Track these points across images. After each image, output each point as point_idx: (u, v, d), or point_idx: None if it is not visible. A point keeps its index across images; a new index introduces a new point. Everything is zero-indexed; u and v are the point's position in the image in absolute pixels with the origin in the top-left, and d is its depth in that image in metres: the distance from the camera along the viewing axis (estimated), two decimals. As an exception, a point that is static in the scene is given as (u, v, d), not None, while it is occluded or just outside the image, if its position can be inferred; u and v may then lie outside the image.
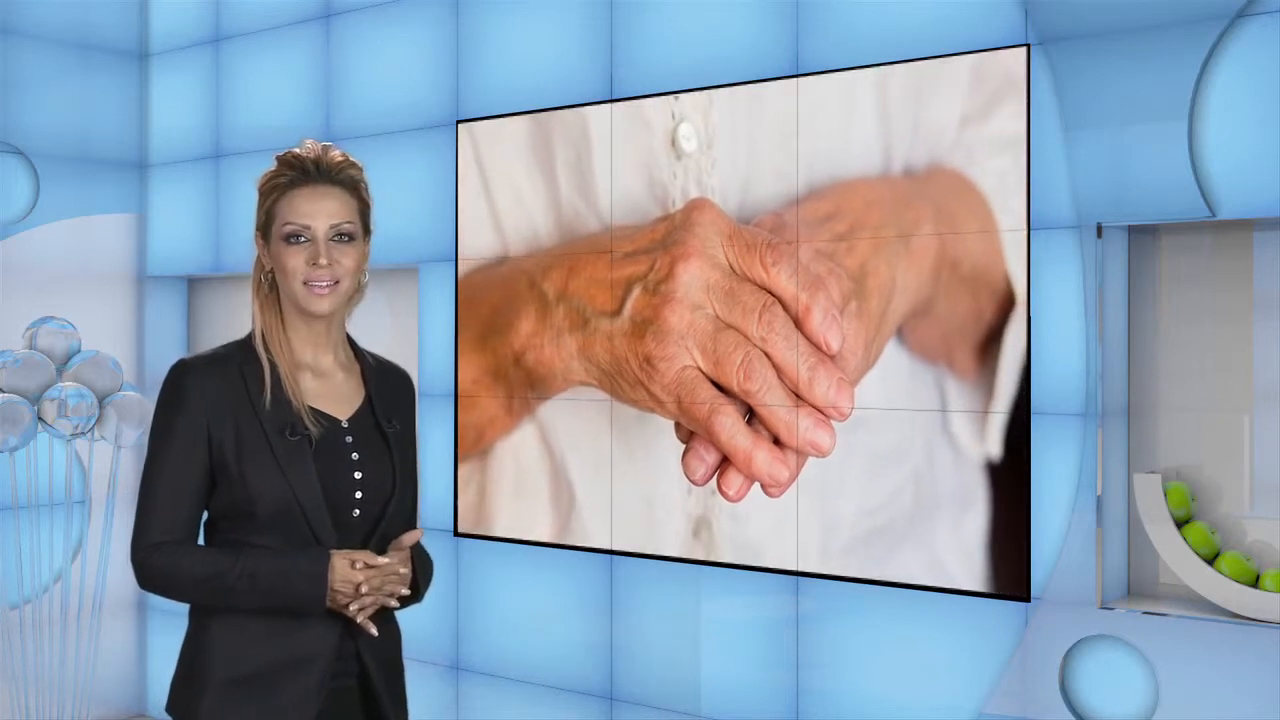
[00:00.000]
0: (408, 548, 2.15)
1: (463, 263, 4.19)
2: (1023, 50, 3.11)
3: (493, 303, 4.05)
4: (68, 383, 4.39)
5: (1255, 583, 2.92)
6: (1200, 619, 2.92)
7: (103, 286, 5.21)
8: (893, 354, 3.30)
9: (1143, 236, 3.15)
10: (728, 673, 3.63)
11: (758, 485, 3.47)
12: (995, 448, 3.13)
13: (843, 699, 3.41)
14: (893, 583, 3.27)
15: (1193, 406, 3.10)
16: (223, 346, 2.20)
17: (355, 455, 2.15)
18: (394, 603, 2.14)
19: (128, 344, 5.25)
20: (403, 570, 2.13)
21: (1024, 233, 3.09)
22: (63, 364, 4.48)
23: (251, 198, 2.21)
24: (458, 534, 4.18)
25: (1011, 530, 3.11)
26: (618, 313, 3.66)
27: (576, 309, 3.78)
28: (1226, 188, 2.88)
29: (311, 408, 2.14)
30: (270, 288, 2.18)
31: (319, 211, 2.13)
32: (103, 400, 4.45)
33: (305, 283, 2.12)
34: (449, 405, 4.23)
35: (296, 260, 2.12)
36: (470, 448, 4.08)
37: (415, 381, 2.44)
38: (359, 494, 2.14)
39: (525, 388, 3.95)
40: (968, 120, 3.18)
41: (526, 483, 3.98)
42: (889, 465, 3.30)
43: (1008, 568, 3.11)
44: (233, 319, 5.20)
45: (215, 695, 2.08)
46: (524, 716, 4.05)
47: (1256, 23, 2.84)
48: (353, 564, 2.07)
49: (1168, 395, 3.13)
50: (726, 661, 3.64)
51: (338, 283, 2.14)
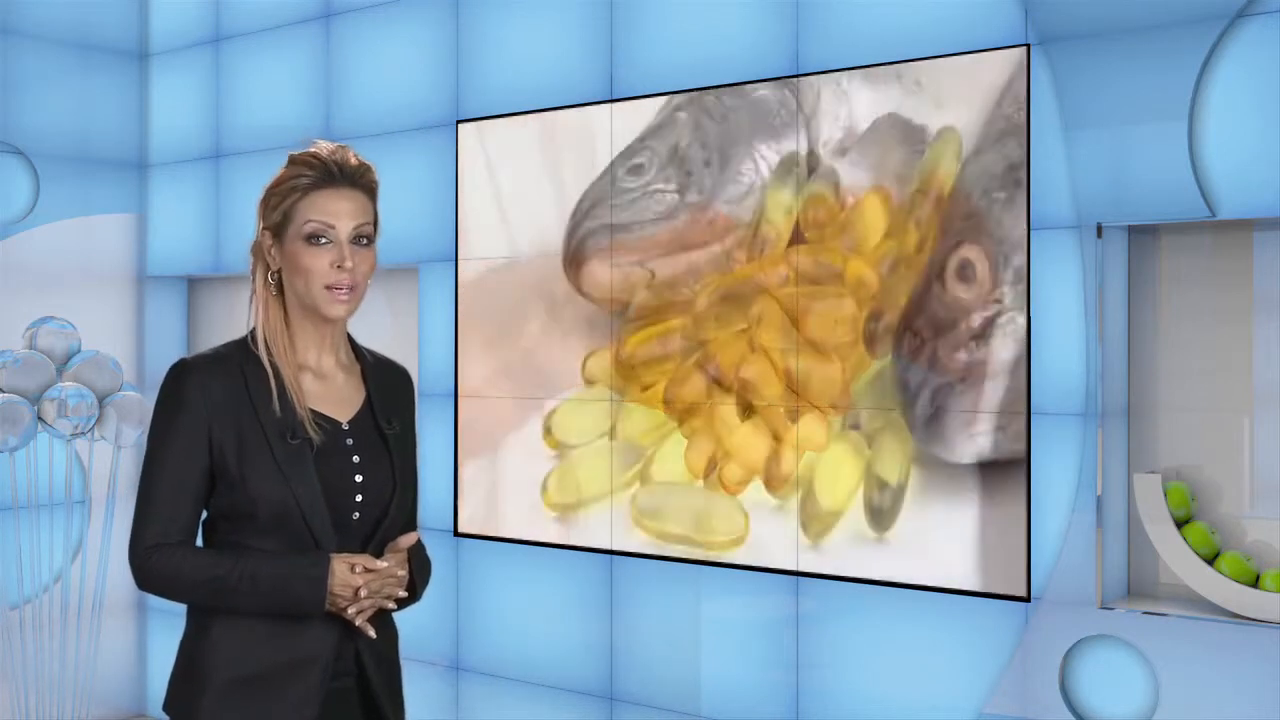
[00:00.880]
0: (405, 550, 2.15)
1: (463, 263, 4.19)
2: (1023, 50, 3.11)
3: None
4: (68, 383, 4.39)
5: (1255, 583, 2.92)
6: (1200, 619, 2.92)
7: (103, 286, 5.21)
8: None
9: (1143, 236, 3.15)
10: (728, 673, 3.63)
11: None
12: (995, 447, 3.13)
13: (843, 699, 3.41)
14: (893, 583, 3.27)
15: (1193, 406, 3.10)
16: (222, 346, 2.19)
17: (355, 458, 2.15)
18: (391, 605, 2.14)
19: (128, 344, 5.25)
20: (400, 573, 2.13)
21: (1024, 233, 3.09)
22: (63, 364, 4.48)
23: (252, 198, 2.20)
24: (458, 534, 4.18)
25: (1011, 530, 3.10)
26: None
27: None
28: (1226, 188, 2.88)
29: (312, 410, 2.14)
30: (277, 288, 2.17)
31: (343, 213, 2.12)
32: (103, 400, 4.45)
33: (327, 286, 2.11)
34: (449, 405, 4.23)
35: (319, 261, 2.11)
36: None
37: (415, 380, 2.43)
38: (359, 497, 2.14)
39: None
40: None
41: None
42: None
43: (1008, 568, 3.11)
44: (233, 319, 5.20)
45: (214, 696, 2.08)
46: (524, 716, 4.05)
47: (1256, 23, 2.84)
48: (352, 568, 2.07)
49: (1168, 395, 3.13)
50: (726, 661, 3.64)
51: (355, 287, 2.13)
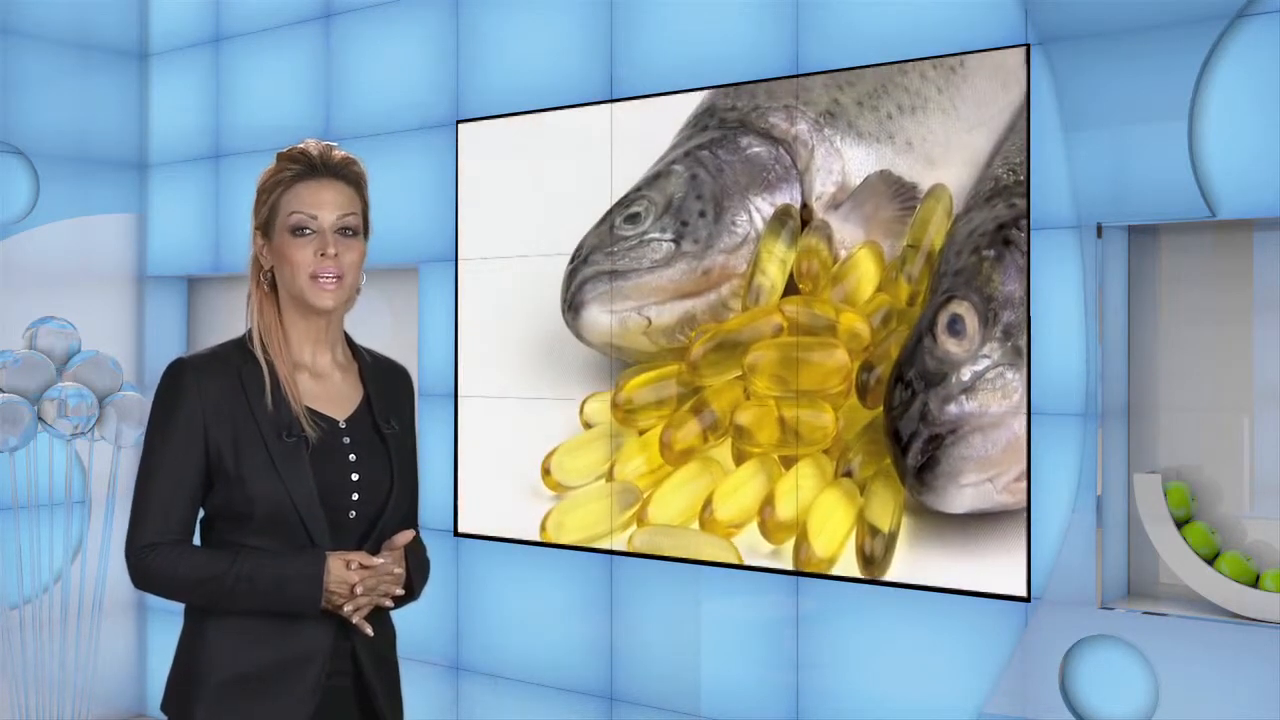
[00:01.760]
0: (401, 547, 2.15)
1: (463, 263, 4.19)
2: (1022, 50, 3.11)
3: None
4: (68, 383, 4.39)
5: (1255, 583, 2.92)
6: (1200, 619, 2.92)
7: (103, 286, 5.21)
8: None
9: (1143, 236, 3.15)
10: (728, 673, 3.63)
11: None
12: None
13: (843, 699, 3.41)
14: (893, 583, 3.27)
15: (1193, 406, 3.10)
16: (219, 345, 2.19)
17: (352, 456, 2.15)
18: (388, 603, 2.14)
19: (128, 344, 5.25)
20: (396, 570, 2.13)
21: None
22: (63, 364, 4.47)
23: (252, 197, 2.20)
24: (458, 534, 4.18)
25: (1011, 530, 3.10)
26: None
27: None
28: (1226, 188, 2.88)
29: (309, 408, 2.14)
30: (270, 287, 2.18)
31: (325, 203, 2.13)
32: (103, 400, 4.45)
33: (313, 276, 2.11)
34: (449, 405, 4.23)
35: (304, 252, 2.11)
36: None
37: (415, 380, 2.43)
38: (355, 495, 2.14)
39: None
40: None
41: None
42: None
43: (1008, 568, 3.11)
44: (233, 319, 5.19)
45: (211, 695, 2.08)
46: (524, 716, 4.05)
47: (1256, 23, 2.84)
48: (347, 565, 2.07)
49: (1168, 395, 3.13)
50: (726, 661, 3.64)
51: (343, 276, 2.13)
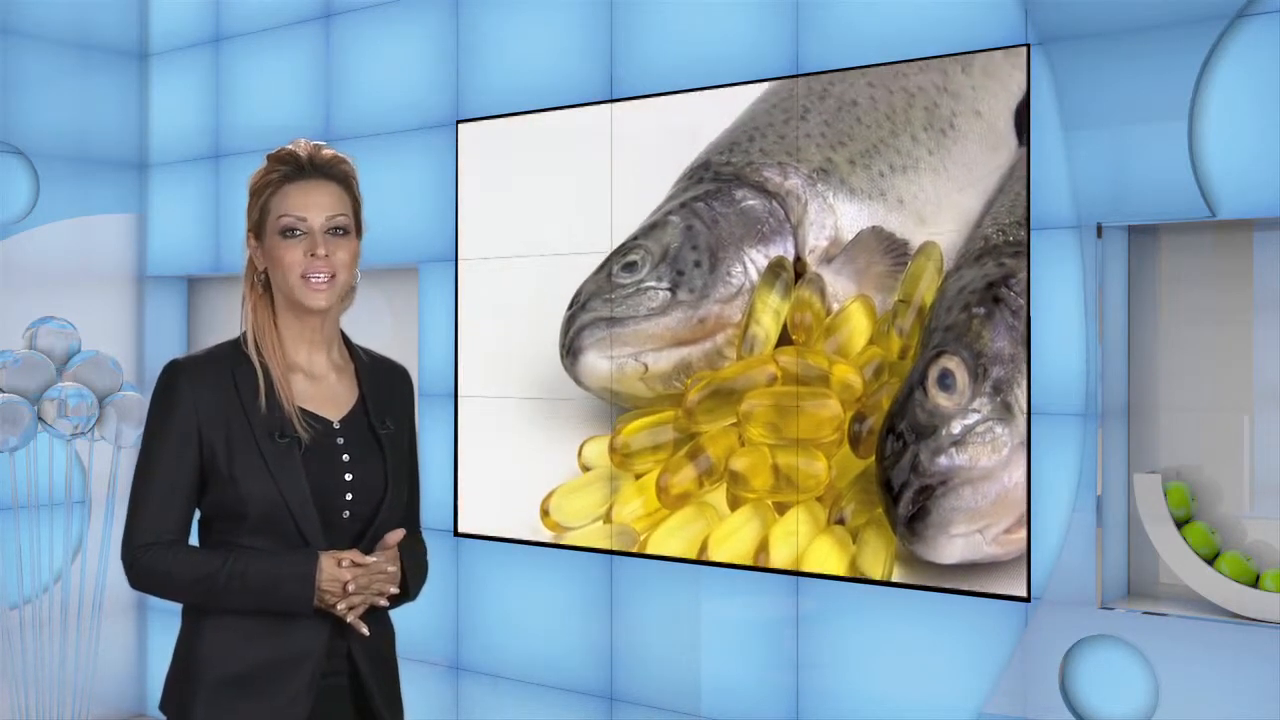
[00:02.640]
0: (394, 546, 2.15)
1: (463, 263, 4.19)
2: (1023, 50, 3.11)
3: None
4: (68, 383, 4.39)
5: (1255, 583, 2.92)
6: (1200, 619, 2.92)
7: (103, 286, 5.21)
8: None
9: (1143, 236, 3.15)
10: (728, 673, 3.63)
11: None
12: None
13: (843, 699, 3.41)
14: (893, 583, 3.27)
15: (1193, 406, 3.10)
16: (214, 347, 2.20)
17: (346, 457, 2.15)
18: (383, 601, 2.14)
19: (128, 344, 5.25)
20: (390, 569, 2.13)
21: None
22: (63, 364, 4.47)
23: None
24: (458, 534, 4.18)
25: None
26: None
27: None
28: (1226, 188, 2.88)
29: (303, 409, 2.13)
30: (264, 288, 2.18)
31: (314, 204, 2.13)
32: (103, 400, 4.45)
33: (303, 276, 2.11)
34: (449, 405, 4.23)
35: (294, 254, 2.12)
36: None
37: (415, 381, 2.43)
38: (349, 495, 2.14)
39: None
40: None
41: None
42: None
43: (1008, 568, 3.11)
44: (233, 319, 5.15)
45: (207, 695, 2.08)
46: (524, 716, 4.05)
47: (1256, 23, 2.84)
48: (339, 563, 2.07)
49: (1168, 395, 3.13)
50: (726, 661, 3.64)
51: (334, 276, 2.13)
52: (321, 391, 2.18)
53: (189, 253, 5.18)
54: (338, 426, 2.17)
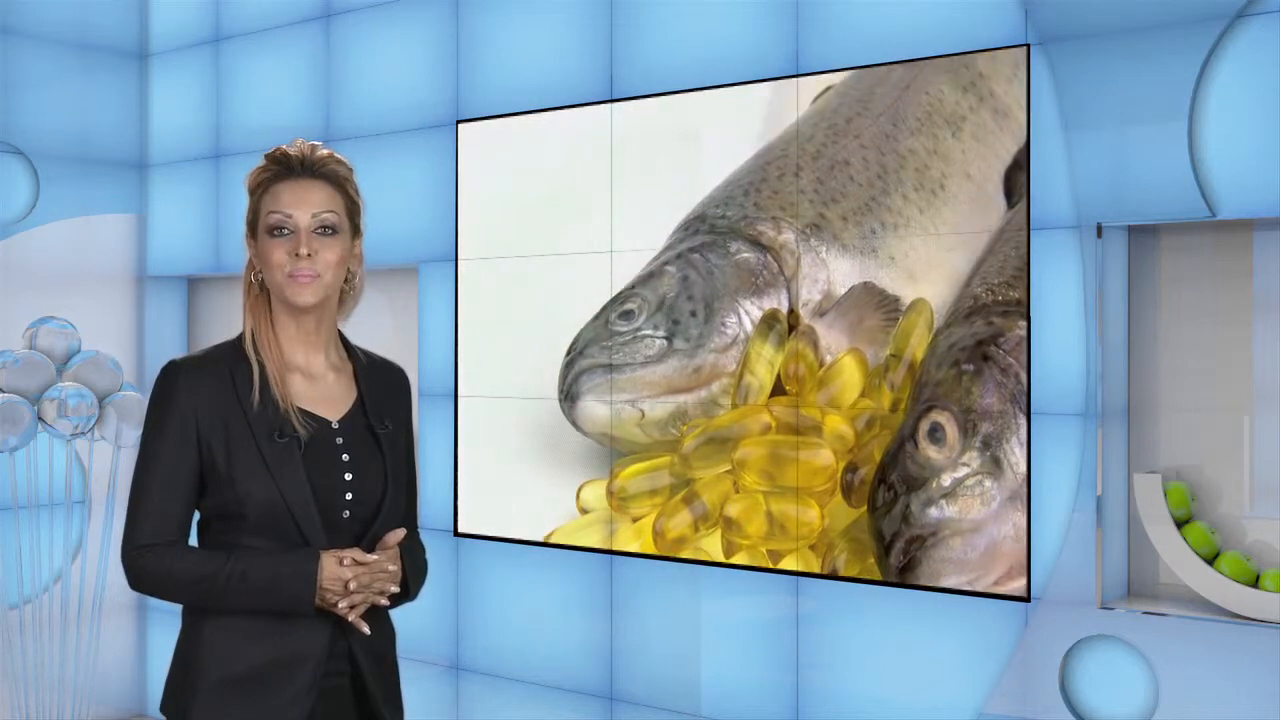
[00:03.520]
0: (394, 546, 2.16)
1: (463, 263, 4.19)
2: (1023, 50, 3.11)
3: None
4: (68, 383, 4.39)
5: (1255, 583, 2.92)
6: (1200, 619, 2.92)
7: (103, 286, 5.21)
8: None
9: (1143, 236, 3.15)
10: (728, 673, 3.63)
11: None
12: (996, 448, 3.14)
13: (843, 699, 3.41)
14: (893, 583, 3.27)
15: (1193, 406, 3.10)
16: (213, 347, 2.20)
17: (345, 456, 2.15)
18: (384, 601, 2.14)
19: (128, 344, 5.25)
20: (391, 568, 2.14)
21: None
22: (63, 364, 4.47)
23: (250, 198, 2.21)
24: (458, 534, 4.18)
25: (1011, 530, 3.11)
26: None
27: None
28: (1226, 188, 2.88)
29: (301, 409, 2.14)
30: (261, 288, 2.18)
31: (300, 202, 2.13)
32: (103, 400, 4.45)
33: (289, 275, 2.12)
34: (449, 405, 4.23)
35: (280, 252, 2.12)
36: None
37: (415, 381, 2.43)
38: (349, 495, 2.14)
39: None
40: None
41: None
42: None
43: (1008, 568, 3.11)
44: (232, 319, 5.19)
45: (208, 695, 2.08)
46: (524, 716, 4.05)
47: (1256, 23, 2.84)
48: (340, 561, 2.08)
49: (1168, 395, 3.13)
50: (726, 661, 3.64)
51: (319, 275, 2.13)
52: (320, 391, 2.18)
53: (189, 253, 5.18)
54: (336, 426, 2.17)
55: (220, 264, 5.07)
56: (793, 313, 3.46)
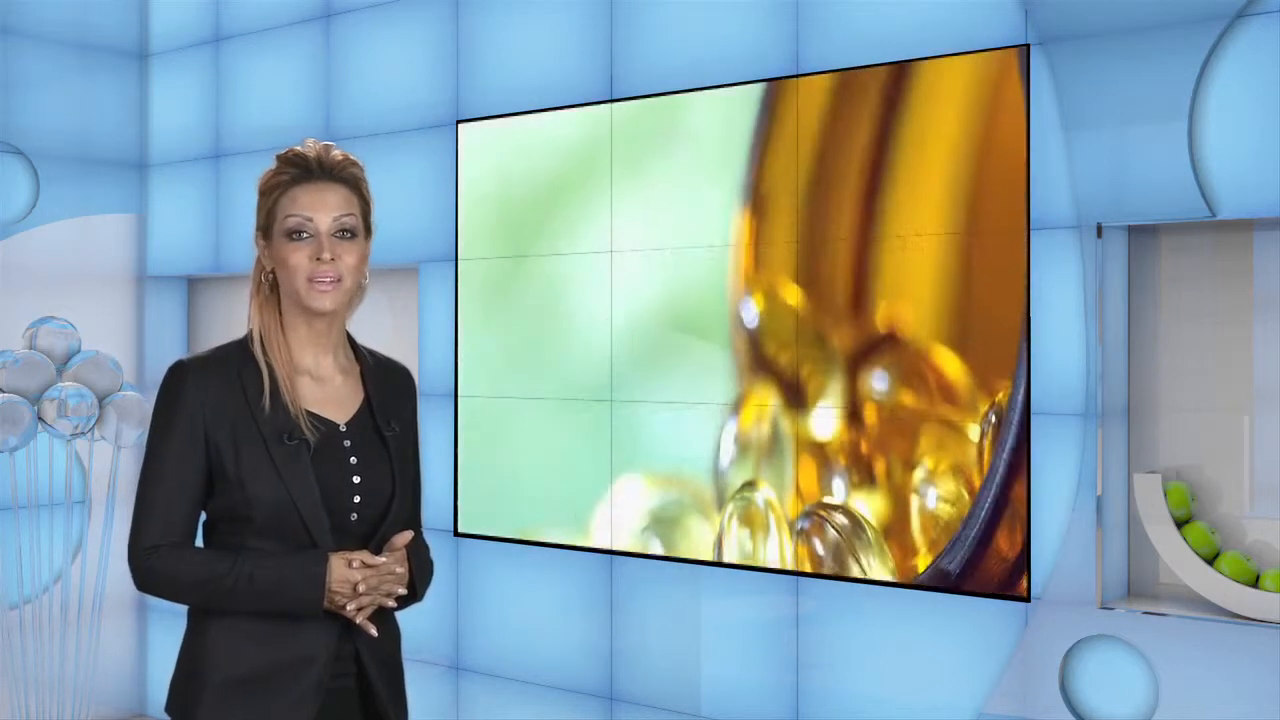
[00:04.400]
0: (402, 548, 2.15)
1: (463, 263, 4.19)
2: (1023, 50, 3.11)
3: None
4: (68, 383, 4.39)
5: (1255, 583, 2.92)
6: (1200, 619, 2.92)
7: (103, 286, 5.21)
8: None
9: (1143, 236, 3.15)
10: (728, 673, 3.63)
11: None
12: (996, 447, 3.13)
13: (843, 699, 3.41)
14: (893, 583, 3.27)
15: (1193, 406, 3.10)
16: (220, 347, 2.19)
17: (353, 459, 2.15)
18: (391, 603, 2.14)
19: (128, 344, 5.25)
20: (399, 570, 2.13)
21: (1024, 233, 3.10)
22: (63, 364, 4.47)
23: (252, 197, 2.20)
24: (458, 534, 4.18)
25: (1011, 530, 3.11)
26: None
27: None
28: (1226, 188, 2.88)
29: (309, 412, 2.13)
30: (271, 289, 2.17)
31: (321, 206, 2.12)
32: (103, 400, 4.45)
33: (309, 279, 2.11)
34: (449, 405, 4.23)
35: (299, 256, 2.11)
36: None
37: (415, 380, 2.43)
38: (357, 498, 2.14)
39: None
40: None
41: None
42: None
43: (1008, 568, 3.11)
44: (232, 319, 5.20)
45: (214, 696, 2.08)
46: (524, 716, 4.05)
47: (1256, 23, 2.84)
48: (349, 564, 2.08)
49: (1168, 395, 3.13)
50: (726, 661, 3.64)
51: (340, 279, 2.13)
52: (327, 394, 2.18)
53: (189, 253, 5.18)
54: (344, 429, 2.17)
55: (220, 264, 5.07)
56: None
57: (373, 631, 2.12)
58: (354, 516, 2.13)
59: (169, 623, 5.02)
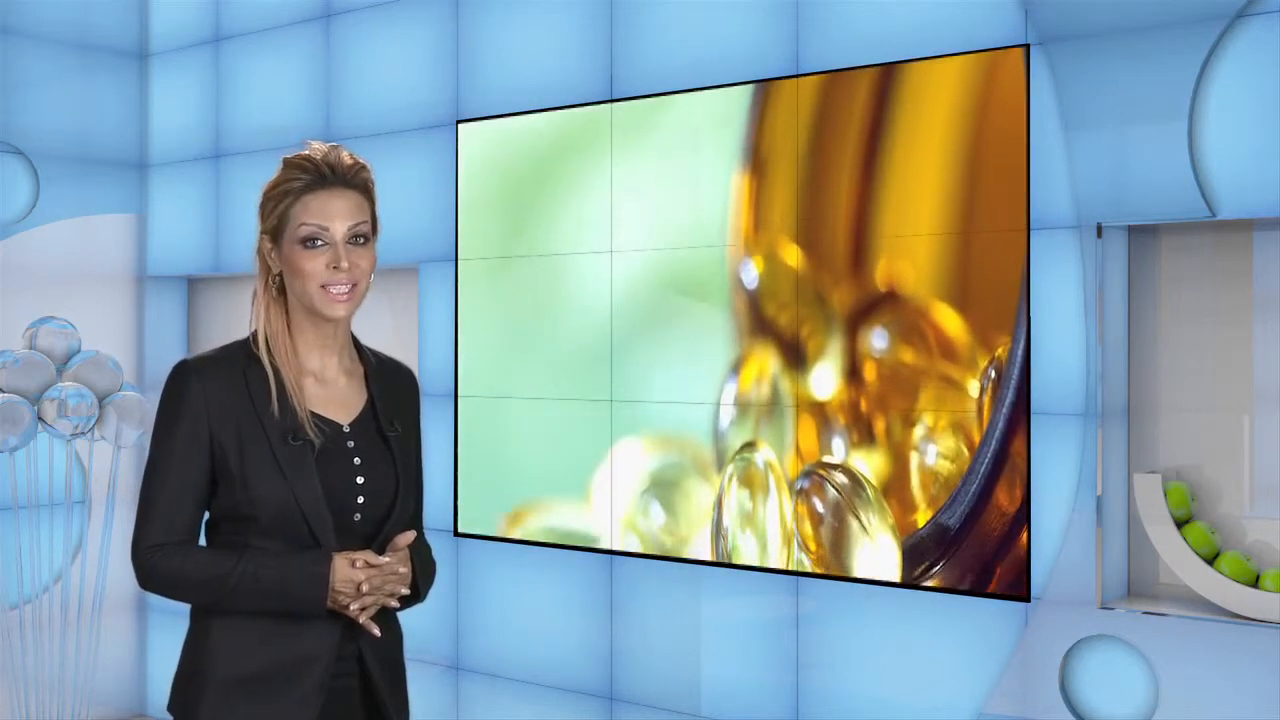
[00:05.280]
0: (405, 548, 2.16)
1: (463, 263, 4.19)
2: (1022, 50, 3.11)
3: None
4: (68, 383, 4.39)
5: (1255, 583, 2.92)
6: (1200, 619, 2.92)
7: (103, 286, 5.21)
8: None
9: (1143, 236, 3.15)
10: (728, 673, 3.63)
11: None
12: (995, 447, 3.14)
13: (843, 699, 3.41)
14: (893, 583, 3.27)
15: (1193, 406, 3.10)
16: (224, 348, 2.19)
17: (357, 460, 2.15)
18: (394, 603, 2.15)
19: (128, 344, 5.25)
20: (402, 570, 2.14)
21: (1024, 233, 3.10)
22: (63, 364, 4.47)
23: (252, 198, 2.20)
24: (458, 534, 4.18)
25: (1011, 530, 3.11)
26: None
27: None
28: (1226, 188, 2.88)
29: (313, 412, 2.14)
30: (279, 291, 2.17)
31: (336, 214, 2.12)
32: (103, 400, 4.45)
33: (324, 286, 2.11)
34: (449, 405, 4.23)
35: (315, 264, 2.11)
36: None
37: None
38: (361, 498, 2.14)
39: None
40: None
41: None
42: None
43: (1008, 568, 3.11)
44: (232, 319, 5.20)
45: (216, 695, 2.08)
46: (524, 716, 4.05)
47: (1256, 23, 2.84)
48: (353, 563, 2.08)
49: (1168, 395, 3.13)
50: (726, 661, 3.64)
51: (355, 285, 2.13)
52: (332, 395, 2.19)
53: (189, 253, 5.18)
54: (347, 430, 2.17)
55: (220, 264, 5.07)
56: None
57: (375, 631, 2.12)
58: (357, 517, 2.14)
59: (169, 623, 5.02)
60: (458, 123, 4.22)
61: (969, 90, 3.19)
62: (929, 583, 3.22)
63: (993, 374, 3.13)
